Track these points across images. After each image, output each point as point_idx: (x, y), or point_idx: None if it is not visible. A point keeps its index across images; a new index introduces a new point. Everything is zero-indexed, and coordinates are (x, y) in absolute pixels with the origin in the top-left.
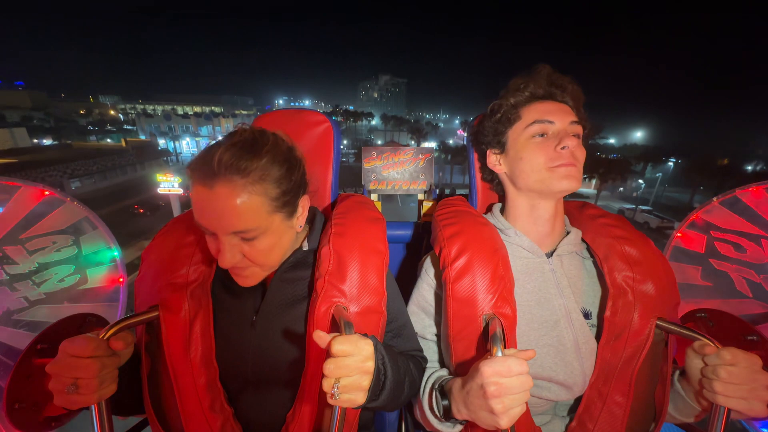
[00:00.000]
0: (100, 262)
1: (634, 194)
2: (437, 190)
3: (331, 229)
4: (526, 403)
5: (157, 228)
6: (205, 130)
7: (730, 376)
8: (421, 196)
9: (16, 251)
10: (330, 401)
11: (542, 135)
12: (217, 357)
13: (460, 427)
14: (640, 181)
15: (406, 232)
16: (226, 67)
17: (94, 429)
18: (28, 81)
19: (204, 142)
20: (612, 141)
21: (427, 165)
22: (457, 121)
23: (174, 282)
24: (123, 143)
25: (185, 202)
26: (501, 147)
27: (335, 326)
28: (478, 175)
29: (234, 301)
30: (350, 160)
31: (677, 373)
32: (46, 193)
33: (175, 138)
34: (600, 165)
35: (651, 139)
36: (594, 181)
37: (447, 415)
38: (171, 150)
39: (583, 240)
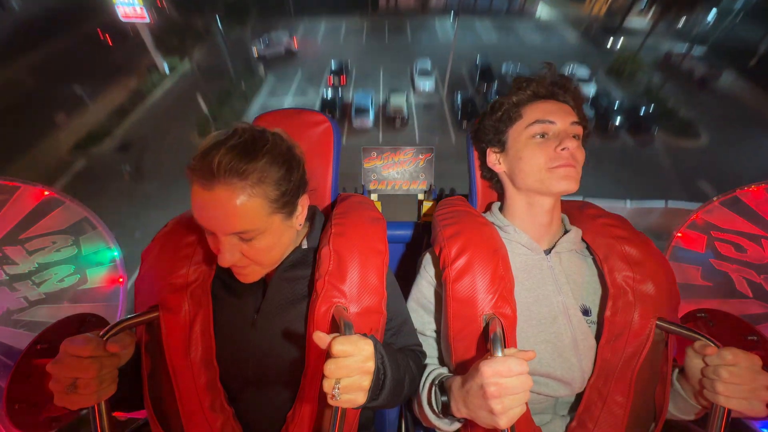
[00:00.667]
0: (100, 263)
1: (695, 31)
2: (437, 191)
3: (331, 229)
4: (526, 402)
5: (134, 63)
6: None
7: (731, 377)
8: (421, 196)
9: (16, 251)
10: (330, 402)
11: (543, 135)
12: (218, 357)
13: (458, 424)
14: (713, 12)
15: (406, 232)
16: None
17: (94, 429)
18: None
19: None
20: None
21: (427, 165)
22: None
23: (174, 282)
24: None
25: (156, 32)
26: (501, 146)
27: (335, 326)
28: (477, 174)
29: (235, 301)
30: None
31: (676, 371)
32: (46, 193)
33: None
34: None
35: None
36: (651, 10)
37: (445, 412)
38: None
39: (583, 240)
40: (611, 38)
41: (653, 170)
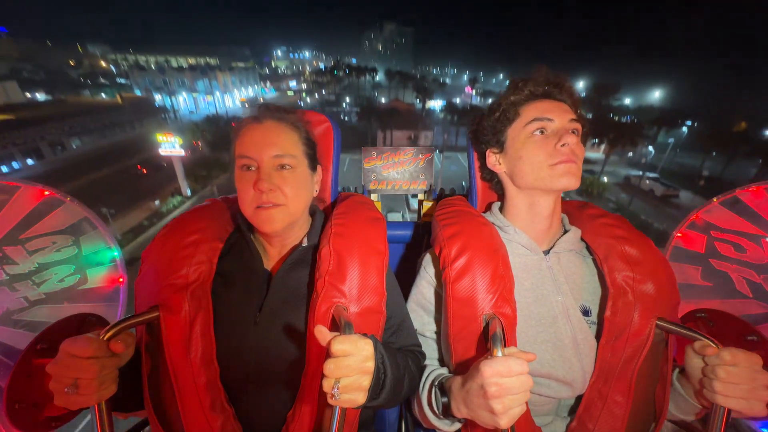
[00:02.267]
0: (100, 262)
1: (643, 160)
2: (437, 192)
3: (331, 229)
4: (527, 402)
5: (161, 188)
6: (201, 84)
7: (730, 376)
8: (421, 196)
9: (16, 251)
10: (330, 401)
11: (542, 132)
12: (219, 355)
13: (458, 425)
14: (650, 148)
15: (406, 232)
16: (220, 13)
17: (94, 429)
18: (10, 28)
19: (201, 98)
20: (627, 102)
21: (427, 165)
22: (465, 77)
23: (174, 282)
24: (119, 99)
25: (187, 164)
26: (500, 146)
27: (335, 326)
28: (477, 175)
29: (237, 298)
30: (353, 119)
31: (677, 371)
32: (46, 193)
33: (171, 93)
34: (610, 129)
35: (668, 100)
36: (603, 146)
37: (446, 413)
38: (168, 107)
39: (582, 239)
40: None
41: None
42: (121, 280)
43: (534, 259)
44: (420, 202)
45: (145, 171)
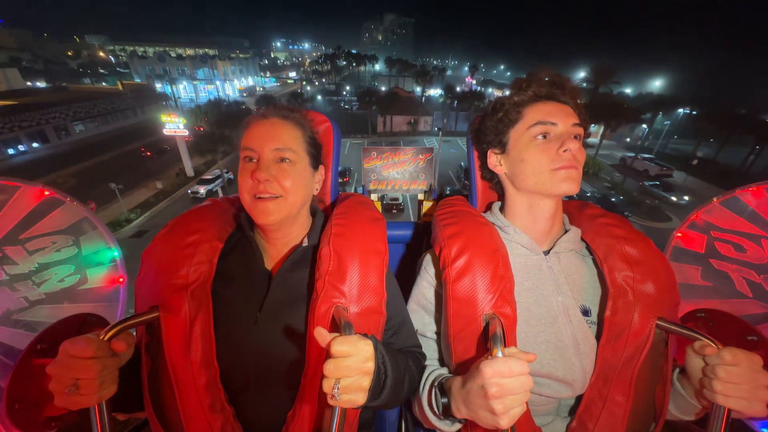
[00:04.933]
0: (100, 262)
1: (638, 142)
2: (437, 191)
3: (331, 229)
4: (527, 403)
5: (165, 170)
6: (201, 73)
7: (730, 376)
8: (421, 196)
9: (16, 251)
10: (330, 402)
11: (544, 136)
12: (219, 355)
13: (458, 425)
14: (644, 126)
15: (406, 232)
16: (218, 5)
17: (95, 429)
18: (7, 18)
19: (202, 86)
20: (628, 90)
21: (427, 165)
22: (466, 69)
23: (174, 283)
24: (119, 86)
25: (191, 146)
26: (502, 147)
27: (335, 326)
28: (477, 174)
29: (237, 299)
30: (353, 107)
31: (677, 371)
32: (46, 193)
33: (172, 81)
34: (606, 111)
35: (668, 89)
36: (600, 129)
37: (446, 413)
38: (169, 94)
39: (582, 239)
40: None
41: None
42: (121, 280)
43: (534, 259)
44: (420, 202)
45: (149, 154)
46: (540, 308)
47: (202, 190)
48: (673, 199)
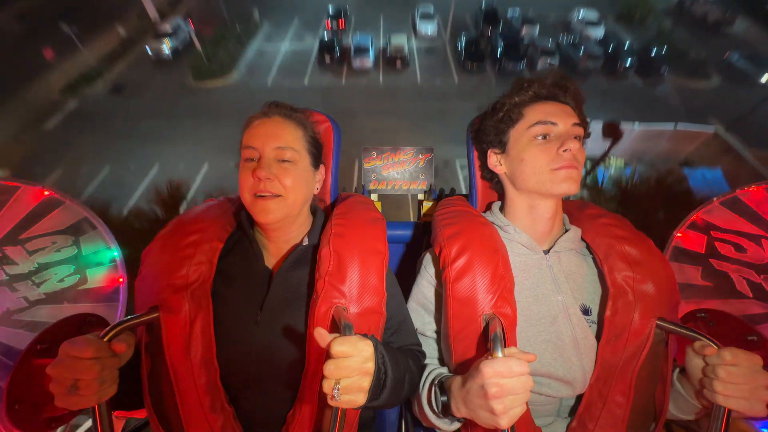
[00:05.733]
0: (100, 263)
1: None
2: (437, 191)
3: (331, 229)
4: (527, 403)
5: (125, 13)
6: None
7: (730, 376)
8: (421, 196)
9: (16, 251)
10: (330, 402)
11: (544, 136)
12: (219, 355)
13: (458, 424)
14: None
15: (406, 232)
16: None
17: (95, 429)
18: None
19: None
20: None
21: (427, 165)
22: None
23: (174, 283)
24: None
25: None
26: (502, 147)
27: (335, 327)
28: (477, 174)
29: (237, 298)
30: None
31: (677, 371)
32: (46, 193)
33: None
34: None
35: None
36: None
37: (445, 412)
38: None
39: (582, 239)
40: None
41: (662, 108)
42: (121, 280)
43: (534, 258)
44: (420, 202)
45: None
46: (540, 307)
47: (165, 47)
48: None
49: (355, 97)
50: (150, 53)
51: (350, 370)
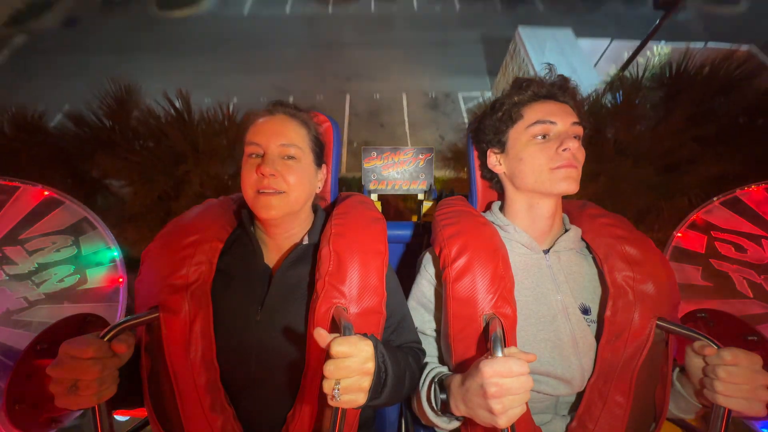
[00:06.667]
0: (100, 263)
1: None
2: (437, 193)
3: (331, 229)
4: (526, 402)
5: None
6: None
7: (730, 376)
8: (421, 196)
9: (15, 251)
10: (330, 402)
11: (544, 136)
12: (219, 354)
13: (457, 422)
14: None
15: (406, 232)
16: None
17: (95, 429)
18: None
19: None
20: None
21: (427, 165)
22: None
23: (174, 283)
24: None
25: None
26: (501, 146)
27: (335, 327)
28: (477, 174)
29: (237, 296)
30: None
31: (677, 370)
32: (46, 193)
33: None
34: None
35: None
36: None
37: (444, 410)
38: None
39: (582, 239)
40: None
41: (684, 33)
42: (120, 280)
43: (534, 257)
44: (420, 202)
45: None
46: (539, 307)
47: None
48: None
49: (344, 26)
50: None
51: (350, 370)
